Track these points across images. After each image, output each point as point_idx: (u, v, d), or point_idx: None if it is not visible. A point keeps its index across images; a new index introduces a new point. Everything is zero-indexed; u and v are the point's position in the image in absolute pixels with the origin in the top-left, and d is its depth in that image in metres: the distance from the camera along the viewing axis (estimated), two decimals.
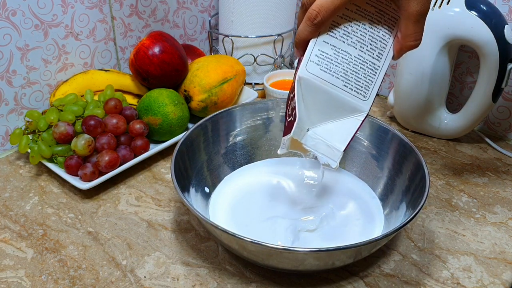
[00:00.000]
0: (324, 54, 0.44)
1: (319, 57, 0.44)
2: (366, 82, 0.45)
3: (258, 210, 0.56)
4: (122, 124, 0.64)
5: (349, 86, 0.45)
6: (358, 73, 0.44)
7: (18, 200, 0.60)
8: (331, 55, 0.44)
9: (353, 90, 0.45)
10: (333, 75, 0.44)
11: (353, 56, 0.44)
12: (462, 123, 0.70)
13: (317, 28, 0.43)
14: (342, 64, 0.44)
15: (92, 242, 0.53)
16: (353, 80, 0.44)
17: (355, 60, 0.44)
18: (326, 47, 0.44)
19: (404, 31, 0.43)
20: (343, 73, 0.44)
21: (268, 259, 0.45)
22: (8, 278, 0.49)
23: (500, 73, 0.63)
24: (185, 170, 0.55)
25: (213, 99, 0.72)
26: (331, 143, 0.46)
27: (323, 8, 0.42)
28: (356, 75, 0.44)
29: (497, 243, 0.54)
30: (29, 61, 0.67)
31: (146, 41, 0.69)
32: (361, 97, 0.45)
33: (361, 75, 0.45)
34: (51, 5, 0.67)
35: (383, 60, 0.45)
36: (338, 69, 0.44)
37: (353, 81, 0.44)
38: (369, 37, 0.44)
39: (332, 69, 0.44)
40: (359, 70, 0.44)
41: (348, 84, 0.44)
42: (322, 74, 0.44)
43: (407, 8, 0.42)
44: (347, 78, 0.44)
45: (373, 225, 0.54)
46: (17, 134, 0.63)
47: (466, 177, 0.65)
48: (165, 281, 0.49)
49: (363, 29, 0.44)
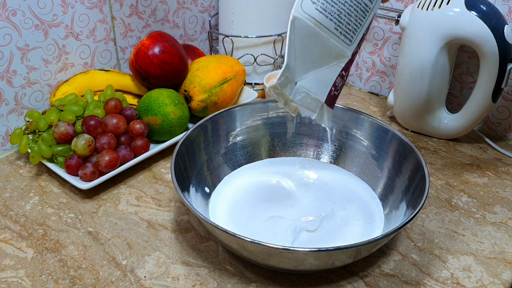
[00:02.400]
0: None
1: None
2: (355, 25, 0.42)
3: (258, 210, 0.56)
4: (122, 124, 0.64)
5: (339, 30, 0.42)
6: (351, 15, 0.41)
7: (18, 200, 0.60)
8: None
9: (342, 34, 0.42)
10: (327, 16, 0.41)
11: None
12: (462, 123, 0.70)
13: None
14: (338, 4, 0.41)
15: (92, 242, 0.54)
16: (345, 23, 0.41)
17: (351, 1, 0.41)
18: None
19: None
20: (337, 15, 0.41)
21: (268, 259, 0.45)
22: (8, 278, 0.49)
23: (500, 73, 0.63)
24: (185, 170, 0.55)
25: (213, 99, 0.72)
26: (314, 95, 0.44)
27: None
28: (349, 17, 0.41)
29: (497, 243, 0.54)
30: (29, 61, 0.67)
31: (146, 41, 0.69)
32: (347, 41, 0.42)
33: (353, 18, 0.41)
34: (51, 5, 0.67)
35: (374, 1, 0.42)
36: (333, 10, 0.41)
37: (344, 24, 0.41)
38: None
39: (327, 9, 0.41)
40: (352, 12, 0.41)
41: (339, 27, 0.41)
42: (317, 14, 0.40)
43: None
44: (339, 20, 0.41)
45: (373, 225, 0.54)
46: (17, 134, 0.63)
47: (466, 177, 0.65)
48: (165, 281, 0.49)
49: None
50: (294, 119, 0.50)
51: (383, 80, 0.87)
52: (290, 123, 0.52)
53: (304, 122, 0.64)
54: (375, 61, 0.86)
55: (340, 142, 0.63)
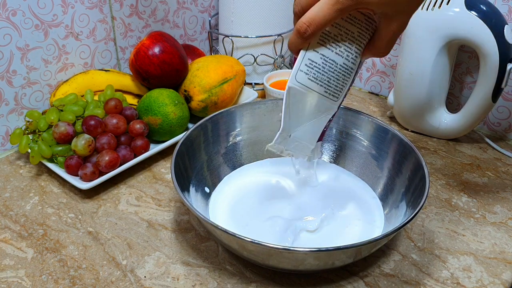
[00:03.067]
0: (313, 64, 0.45)
1: (308, 67, 0.45)
2: (342, 85, 0.47)
3: (258, 210, 0.56)
4: (122, 124, 0.64)
5: (328, 92, 0.47)
6: (338, 80, 0.46)
7: (18, 200, 0.60)
8: (319, 64, 0.45)
9: (330, 94, 0.47)
10: (318, 83, 0.46)
11: (338, 64, 0.45)
12: (462, 123, 0.70)
13: (307, 40, 0.43)
14: (327, 72, 0.45)
15: (92, 242, 0.54)
16: (333, 86, 0.47)
17: (339, 68, 0.46)
18: (316, 57, 0.45)
19: (378, 44, 0.45)
20: (327, 81, 0.46)
21: (268, 259, 0.45)
22: (8, 278, 0.49)
23: (500, 73, 0.63)
24: (185, 170, 0.55)
25: (213, 99, 0.72)
26: (305, 143, 0.50)
27: (314, 22, 0.41)
28: (336, 81, 0.46)
29: (497, 243, 0.54)
30: (29, 61, 0.67)
31: (146, 41, 0.69)
32: (335, 99, 0.48)
33: (340, 81, 0.47)
34: (51, 5, 0.67)
35: (357, 64, 0.47)
36: (324, 78, 0.46)
37: (332, 87, 0.47)
38: (356, 45, 0.45)
39: (318, 78, 0.45)
40: (340, 77, 0.46)
41: (328, 90, 0.47)
42: (309, 83, 0.45)
43: (386, 26, 0.43)
44: (328, 85, 0.46)
45: (373, 225, 0.54)
46: (17, 134, 0.63)
47: (466, 177, 0.65)
48: (165, 281, 0.49)
49: (351, 38, 0.45)
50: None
51: (383, 80, 0.87)
52: None
53: None
54: (375, 61, 0.86)
55: (340, 142, 0.63)
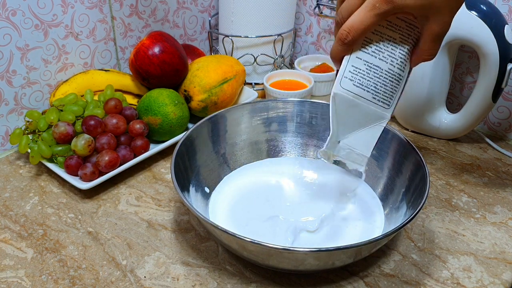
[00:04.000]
0: (357, 70, 0.46)
1: (352, 73, 0.46)
2: (392, 92, 0.47)
3: (258, 210, 0.56)
4: (122, 124, 0.64)
5: (377, 98, 0.47)
6: (386, 86, 0.46)
7: (18, 200, 0.60)
8: (364, 70, 0.46)
9: (380, 101, 0.47)
10: (364, 89, 0.46)
11: (383, 70, 0.46)
12: (462, 123, 0.70)
13: (349, 47, 0.45)
14: (373, 78, 0.46)
15: (92, 242, 0.53)
16: (381, 92, 0.46)
17: (385, 74, 0.46)
18: (359, 63, 0.46)
19: (422, 46, 0.45)
20: (374, 87, 0.46)
21: (268, 259, 0.45)
22: (8, 278, 0.49)
23: (500, 73, 0.63)
24: (185, 170, 0.55)
25: (213, 99, 0.72)
26: (359, 151, 0.49)
27: (353, 28, 0.43)
28: (385, 88, 0.46)
29: (497, 243, 0.54)
30: (29, 61, 0.67)
31: (146, 41, 0.69)
32: (386, 106, 0.47)
33: (388, 87, 0.46)
34: (51, 5, 0.67)
35: (406, 70, 0.47)
36: (370, 84, 0.46)
37: (381, 93, 0.46)
38: (400, 50, 0.46)
39: (364, 84, 0.46)
40: (388, 83, 0.46)
41: (377, 96, 0.46)
42: (355, 89, 0.46)
43: (428, 27, 0.43)
44: (376, 91, 0.46)
45: (373, 225, 0.54)
46: (17, 134, 0.63)
47: (466, 177, 0.65)
48: (165, 281, 0.49)
49: (393, 43, 0.45)
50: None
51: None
52: None
53: (304, 122, 0.64)
54: None
55: None
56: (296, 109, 0.64)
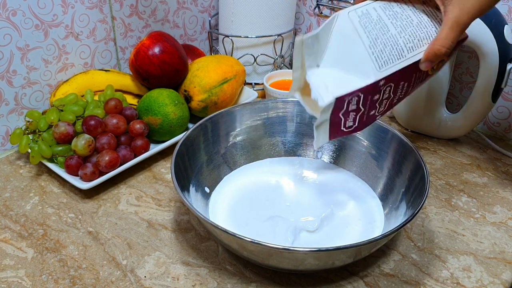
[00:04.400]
0: (369, 15, 0.47)
1: (364, 14, 0.48)
2: (388, 58, 0.46)
3: (258, 210, 0.56)
4: (122, 124, 0.64)
5: (373, 50, 0.46)
6: (386, 47, 0.46)
7: (18, 200, 0.60)
8: (374, 20, 0.47)
9: (373, 54, 0.46)
10: (365, 32, 0.47)
11: (390, 32, 0.47)
12: (462, 123, 0.70)
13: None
14: (377, 30, 0.47)
15: (92, 242, 0.54)
16: (379, 48, 0.46)
17: (390, 37, 0.46)
18: (374, 12, 0.48)
19: (438, 35, 0.44)
20: (374, 37, 0.47)
21: (268, 259, 0.45)
22: (9, 278, 0.49)
23: (499, 73, 0.64)
24: (185, 170, 0.55)
25: (213, 99, 0.72)
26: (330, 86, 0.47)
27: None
28: (383, 47, 0.46)
29: (497, 243, 0.54)
30: (29, 61, 0.67)
31: (146, 41, 0.69)
32: (376, 65, 0.46)
33: (387, 50, 0.46)
34: (51, 5, 0.67)
35: (411, 54, 0.46)
36: (372, 32, 0.47)
37: (378, 48, 0.46)
38: (411, 30, 0.47)
39: (368, 28, 0.47)
40: (388, 45, 0.46)
41: (373, 47, 0.46)
42: (358, 25, 0.47)
43: (447, 12, 0.42)
44: (375, 42, 0.46)
45: (373, 225, 0.54)
46: (17, 134, 0.63)
47: (466, 177, 0.65)
48: (165, 281, 0.49)
49: (409, 22, 0.47)
50: None
51: None
52: None
53: (304, 122, 0.64)
54: None
55: (340, 142, 0.63)
56: (296, 109, 0.64)
